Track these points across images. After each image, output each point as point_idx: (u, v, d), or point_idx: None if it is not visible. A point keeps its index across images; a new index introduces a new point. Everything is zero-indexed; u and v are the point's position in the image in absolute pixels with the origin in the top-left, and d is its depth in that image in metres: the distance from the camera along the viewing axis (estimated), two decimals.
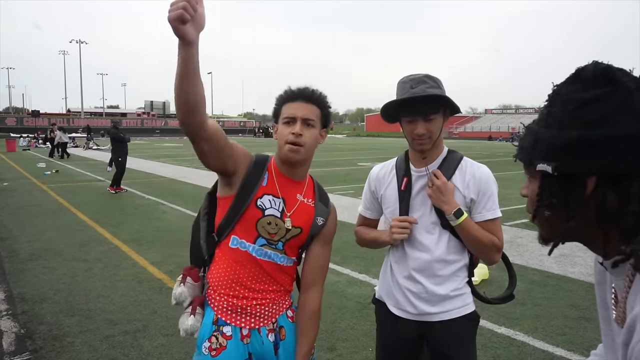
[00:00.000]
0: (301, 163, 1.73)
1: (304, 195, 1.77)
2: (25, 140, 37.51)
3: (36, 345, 3.61)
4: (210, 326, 1.71)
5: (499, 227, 1.84)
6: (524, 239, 6.93)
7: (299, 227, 1.72)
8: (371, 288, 4.86)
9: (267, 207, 1.69)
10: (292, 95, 1.72)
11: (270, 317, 1.73)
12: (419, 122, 1.76)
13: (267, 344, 1.71)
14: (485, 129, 75.32)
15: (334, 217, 1.84)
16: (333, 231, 1.85)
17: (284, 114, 1.70)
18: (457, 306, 1.86)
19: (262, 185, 1.71)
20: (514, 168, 18.88)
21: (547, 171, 0.82)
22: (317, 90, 1.74)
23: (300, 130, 1.65)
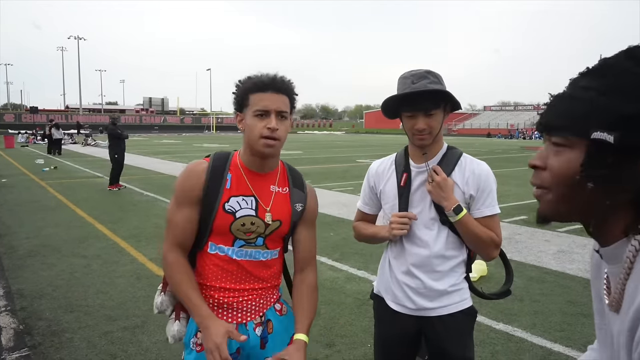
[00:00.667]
0: (274, 155, 1.68)
1: (277, 184, 1.72)
2: (24, 136, 37.48)
3: (35, 341, 3.62)
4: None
5: (498, 224, 1.85)
6: (522, 235, 6.94)
7: (277, 220, 1.68)
8: (370, 284, 4.86)
9: (238, 209, 1.64)
10: (262, 85, 1.61)
11: (257, 311, 1.72)
12: (420, 117, 1.76)
13: (254, 338, 1.70)
14: (484, 126, 75.37)
15: (313, 198, 1.80)
16: (315, 212, 1.82)
17: (255, 106, 1.60)
18: (455, 301, 1.88)
19: (226, 188, 1.64)
20: (513, 165, 18.95)
21: (604, 140, 0.76)
22: (285, 78, 1.66)
23: (276, 125, 1.58)
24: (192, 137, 53.88)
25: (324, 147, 33.18)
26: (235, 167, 1.69)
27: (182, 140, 44.81)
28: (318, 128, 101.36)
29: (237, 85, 1.67)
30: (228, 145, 34.45)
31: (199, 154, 24.88)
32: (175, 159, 21.16)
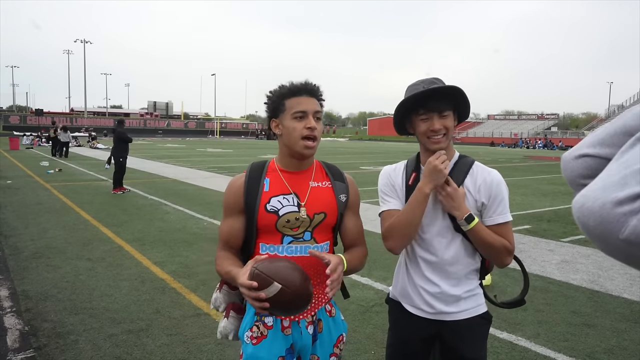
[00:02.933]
0: (312, 155, 1.79)
1: (314, 179, 1.81)
2: (29, 138, 37.63)
3: (40, 343, 3.64)
4: (252, 317, 1.77)
5: (510, 231, 1.86)
6: (526, 245, 6.93)
7: (321, 212, 1.76)
8: (374, 292, 4.87)
9: (280, 207, 1.73)
10: (296, 90, 1.73)
11: (309, 310, 1.78)
12: (435, 118, 1.80)
13: (306, 336, 1.77)
14: (487, 135, 75.28)
15: (354, 188, 1.89)
16: (358, 200, 1.91)
17: (292, 109, 1.71)
18: (471, 306, 1.90)
19: (265, 191, 1.75)
20: (517, 174, 18.94)
21: None
22: (316, 84, 1.79)
23: (315, 124, 1.70)
24: (196, 141, 54.03)
25: (327, 153, 33.21)
26: (272, 171, 1.81)
27: (186, 144, 44.93)
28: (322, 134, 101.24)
29: (270, 94, 1.78)
30: (232, 150, 34.53)
31: (202, 158, 24.94)
32: (179, 164, 21.21)
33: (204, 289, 4.79)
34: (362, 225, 1.92)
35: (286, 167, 1.79)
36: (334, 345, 1.82)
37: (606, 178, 0.64)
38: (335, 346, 1.83)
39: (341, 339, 1.86)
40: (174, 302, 4.52)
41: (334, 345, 1.82)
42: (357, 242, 1.88)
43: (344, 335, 1.89)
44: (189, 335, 3.83)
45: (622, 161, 0.65)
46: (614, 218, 0.60)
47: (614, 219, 0.60)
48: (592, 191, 0.65)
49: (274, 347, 1.72)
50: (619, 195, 0.60)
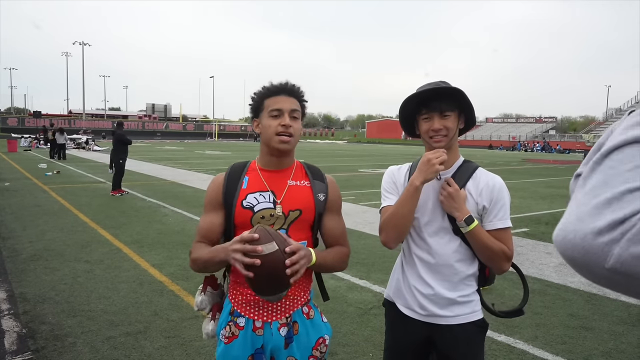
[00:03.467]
0: (289, 152, 1.83)
1: (293, 178, 1.84)
2: (27, 140, 37.58)
3: (38, 345, 3.63)
4: (227, 316, 1.83)
5: (510, 237, 1.87)
6: (524, 247, 6.95)
7: (296, 209, 1.79)
8: (372, 294, 4.88)
9: (256, 204, 1.78)
10: (275, 90, 1.80)
11: (283, 312, 1.79)
12: (435, 118, 1.83)
13: (278, 338, 1.77)
14: (485, 138, 75.46)
15: (334, 188, 1.92)
16: (338, 200, 1.93)
17: (269, 107, 1.77)
18: (466, 312, 1.89)
19: (242, 188, 1.80)
20: (514, 177, 18.97)
21: None
22: (296, 84, 1.84)
23: (289, 122, 1.75)
24: (195, 144, 54.02)
25: (326, 156, 33.23)
26: (252, 170, 1.87)
27: (185, 147, 44.91)
28: (320, 137, 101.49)
29: (253, 96, 1.84)
30: (230, 152, 34.52)
31: (201, 161, 24.95)
32: (177, 166, 21.21)
33: None
34: (344, 226, 1.93)
35: (266, 166, 1.85)
36: (313, 347, 1.82)
37: (578, 208, 0.64)
38: (315, 348, 1.83)
39: (321, 341, 1.85)
40: (172, 304, 4.51)
41: (313, 347, 1.82)
42: (338, 242, 1.89)
43: (326, 338, 1.87)
44: (187, 337, 3.82)
45: (588, 189, 0.65)
46: (597, 248, 0.60)
47: (597, 250, 0.60)
48: (569, 224, 0.65)
49: (243, 347, 1.77)
50: (598, 225, 0.60)
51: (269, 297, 1.62)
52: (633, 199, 0.59)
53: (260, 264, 1.50)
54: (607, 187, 0.62)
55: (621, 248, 0.58)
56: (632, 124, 0.67)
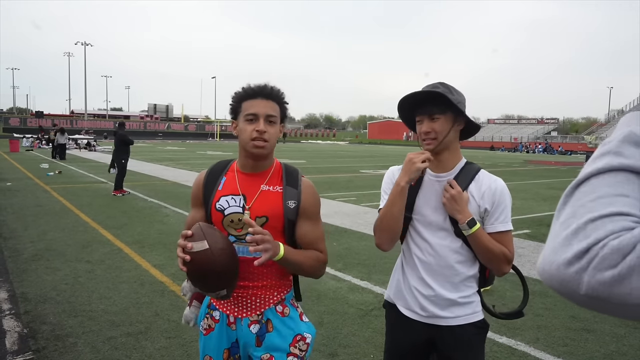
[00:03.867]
0: (266, 157, 1.82)
1: (267, 183, 1.83)
2: (29, 140, 37.63)
3: (39, 345, 3.63)
4: (205, 309, 1.93)
5: (510, 240, 1.87)
6: (525, 249, 6.94)
7: (263, 215, 1.78)
8: (373, 295, 4.87)
9: (226, 207, 1.80)
10: (252, 93, 1.77)
11: (254, 309, 1.83)
12: (425, 121, 1.85)
13: (249, 334, 1.82)
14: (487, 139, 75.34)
15: (309, 193, 1.86)
16: (312, 206, 1.87)
17: (245, 111, 1.76)
18: (466, 313, 1.90)
19: (219, 189, 1.84)
20: (516, 178, 18.95)
21: None
22: (275, 86, 1.81)
23: (264, 128, 1.73)
24: (196, 144, 54.07)
25: (327, 156, 33.23)
26: (231, 171, 1.89)
27: (186, 147, 44.96)
28: (321, 138, 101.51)
29: (232, 96, 1.84)
30: (231, 153, 34.54)
31: (202, 161, 24.96)
32: (179, 166, 21.22)
33: None
34: (320, 232, 1.89)
35: (243, 168, 1.85)
36: (290, 344, 1.82)
37: (553, 240, 0.69)
38: (292, 345, 1.82)
39: (299, 338, 1.84)
40: (173, 304, 4.51)
41: (290, 344, 1.82)
42: (312, 247, 1.86)
43: (306, 336, 1.86)
44: (187, 338, 3.82)
45: (561, 221, 0.70)
46: (570, 278, 0.64)
47: (570, 279, 0.64)
48: (547, 255, 0.69)
49: (219, 339, 1.85)
50: (567, 255, 0.65)
51: (207, 293, 1.70)
52: (595, 228, 0.65)
53: (190, 261, 1.58)
54: (575, 218, 0.68)
55: (589, 276, 0.62)
56: (598, 155, 0.73)
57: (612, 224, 0.64)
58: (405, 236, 1.99)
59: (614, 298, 0.61)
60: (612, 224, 0.64)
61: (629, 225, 0.63)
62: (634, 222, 0.64)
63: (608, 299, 0.62)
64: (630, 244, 0.61)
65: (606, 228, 0.64)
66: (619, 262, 0.61)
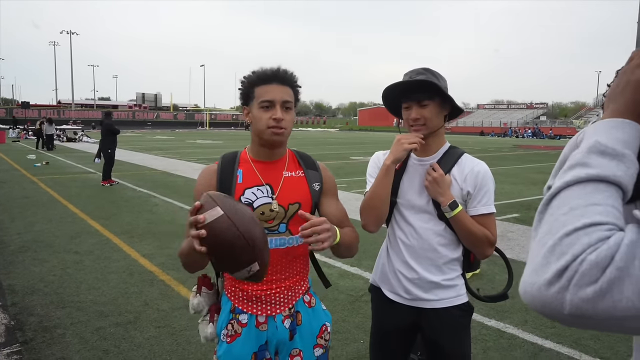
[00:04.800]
0: (282, 144, 1.74)
1: (287, 169, 1.76)
2: (15, 131, 37.15)
3: (26, 337, 3.60)
4: (227, 314, 1.75)
5: (493, 223, 1.88)
6: (514, 233, 6.98)
7: (295, 202, 1.72)
8: (363, 281, 4.88)
9: (255, 199, 1.69)
10: (265, 77, 1.66)
11: (286, 303, 1.75)
12: (413, 108, 1.84)
13: (283, 331, 1.73)
14: (477, 124, 75.59)
15: (328, 174, 1.85)
16: (333, 185, 1.86)
17: (260, 98, 1.65)
18: (450, 296, 1.91)
19: (238, 183, 1.70)
20: (506, 163, 19.05)
21: None
22: (289, 70, 1.71)
23: (281, 115, 1.64)
24: (186, 133, 53.72)
25: (318, 144, 33.17)
26: (244, 162, 1.75)
27: (176, 136, 44.64)
28: (312, 125, 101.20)
29: (242, 80, 1.72)
30: (222, 141, 34.36)
31: (192, 150, 24.81)
32: (168, 155, 21.08)
33: (193, 281, 4.75)
34: (344, 208, 1.86)
35: (258, 157, 1.75)
36: (317, 336, 1.79)
37: (533, 260, 0.68)
38: (319, 337, 1.80)
39: (324, 329, 1.83)
40: (163, 294, 4.49)
41: (317, 336, 1.79)
42: (343, 225, 1.78)
43: (327, 325, 1.85)
44: (177, 327, 3.81)
45: (537, 239, 0.69)
46: (552, 298, 0.63)
47: (552, 299, 0.63)
48: (527, 276, 0.68)
49: (246, 344, 1.70)
50: (547, 276, 0.64)
51: (237, 273, 1.43)
52: (570, 243, 0.64)
53: (208, 235, 1.34)
54: (550, 234, 0.67)
55: (571, 294, 0.61)
56: (566, 169, 0.72)
57: (587, 237, 0.63)
58: (390, 220, 2.00)
59: (599, 313, 0.61)
60: (587, 236, 0.63)
61: (604, 235, 0.63)
62: (609, 229, 0.64)
63: (594, 315, 0.61)
64: (607, 257, 0.61)
65: (582, 242, 0.63)
66: (598, 276, 0.60)
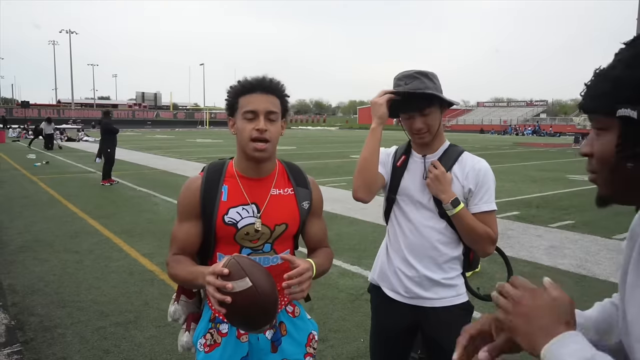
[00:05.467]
0: (269, 159, 1.65)
1: (275, 186, 1.69)
2: (15, 131, 37.14)
3: (27, 337, 3.60)
4: (207, 324, 1.70)
5: (494, 220, 1.87)
6: (514, 230, 6.98)
7: (282, 223, 1.66)
8: (363, 280, 4.88)
9: (240, 219, 1.62)
10: (249, 87, 1.59)
11: None
12: (416, 118, 1.82)
13: (264, 342, 1.68)
14: (477, 122, 75.60)
15: (317, 192, 1.79)
16: (321, 203, 1.81)
17: (243, 108, 1.58)
18: (450, 295, 1.90)
19: (222, 200, 1.63)
20: (506, 161, 19.05)
21: (630, 117, 0.74)
22: (275, 79, 1.64)
23: (264, 126, 1.56)
24: (185, 132, 53.71)
25: (317, 142, 33.17)
26: (230, 177, 1.67)
27: (175, 135, 44.63)
28: (312, 123, 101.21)
29: (228, 91, 1.66)
30: (222, 140, 34.39)
31: (192, 149, 24.80)
32: (168, 155, 21.06)
33: None
34: (325, 227, 1.84)
35: (245, 173, 1.66)
36: (306, 344, 1.75)
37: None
38: (307, 345, 1.76)
39: (312, 337, 1.79)
40: (163, 293, 4.49)
41: (306, 344, 1.75)
42: (321, 245, 1.80)
43: (314, 334, 1.81)
44: (177, 326, 3.72)
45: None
46: None
47: None
48: None
49: (225, 354, 1.64)
50: None
51: (250, 332, 1.51)
52: None
53: (232, 302, 1.34)
54: None
55: None
56: None
57: None
58: (390, 217, 1.99)
59: None
60: None
61: None
62: None
63: None
64: None
65: None
66: None
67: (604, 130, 0.82)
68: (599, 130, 0.83)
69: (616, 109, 0.76)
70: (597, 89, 0.81)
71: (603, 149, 0.82)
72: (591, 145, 0.85)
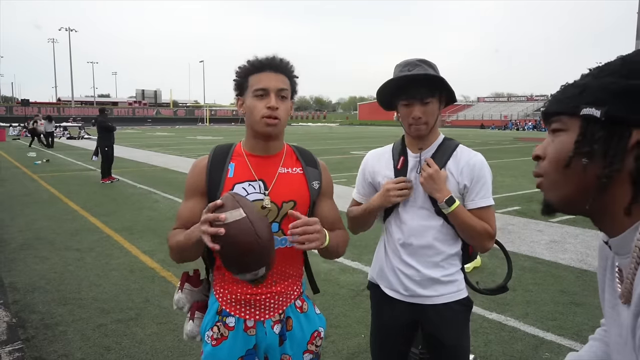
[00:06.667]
0: (278, 136, 1.65)
1: (283, 164, 1.68)
2: (16, 129, 37.13)
3: (28, 334, 3.61)
4: (213, 316, 1.69)
5: (492, 215, 1.84)
6: (515, 225, 6.97)
7: (290, 200, 1.64)
8: (364, 275, 4.88)
9: (245, 195, 1.59)
10: (260, 66, 1.59)
11: (276, 309, 1.68)
12: (416, 106, 1.76)
13: (272, 336, 1.67)
14: (477, 117, 75.49)
15: (327, 174, 1.78)
16: (331, 185, 1.79)
17: (253, 86, 1.58)
18: (450, 291, 1.87)
19: (228, 177, 1.62)
20: (506, 156, 19.01)
21: (593, 115, 0.79)
22: (285, 59, 1.64)
23: (275, 104, 1.56)
24: (186, 129, 53.64)
25: (318, 139, 33.15)
26: (238, 156, 1.67)
27: (176, 132, 44.60)
28: (312, 120, 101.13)
29: (237, 70, 1.65)
30: (222, 137, 34.32)
31: (192, 146, 24.78)
32: (168, 152, 21.06)
33: None
34: (337, 210, 1.80)
35: (253, 151, 1.66)
36: (308, 342, 1.73)
37: None
38: (310, 343, 1.74)
39: (316, 334, 1.76)
40: (164, 291, 4.49)
41: (308, 342, 1.73)
42: (335, 227, 1.74)
43: (320, 331, 1.78)
44: (178, 323, 3.81)
45: None
46: None
47: None
48: None
49: (233, 348, 1.64)
50: None
51: (243, 275, 1.42)
52: None
53: (225, 234, 1.32)
54: None
55: None
56: None
57: None
58: (387, 216, 1.96)
59: None
60: None
61: None
62: None
63: None
64: None
65: None
66: None
67: (562, 131, 0.85)
68: (556, 132, 0.86)
69: (581, 109, 0.80)
70: (564, 93, 0.85)
71: (559, 148, 0.84)
72: (544, 148, 0.88)
